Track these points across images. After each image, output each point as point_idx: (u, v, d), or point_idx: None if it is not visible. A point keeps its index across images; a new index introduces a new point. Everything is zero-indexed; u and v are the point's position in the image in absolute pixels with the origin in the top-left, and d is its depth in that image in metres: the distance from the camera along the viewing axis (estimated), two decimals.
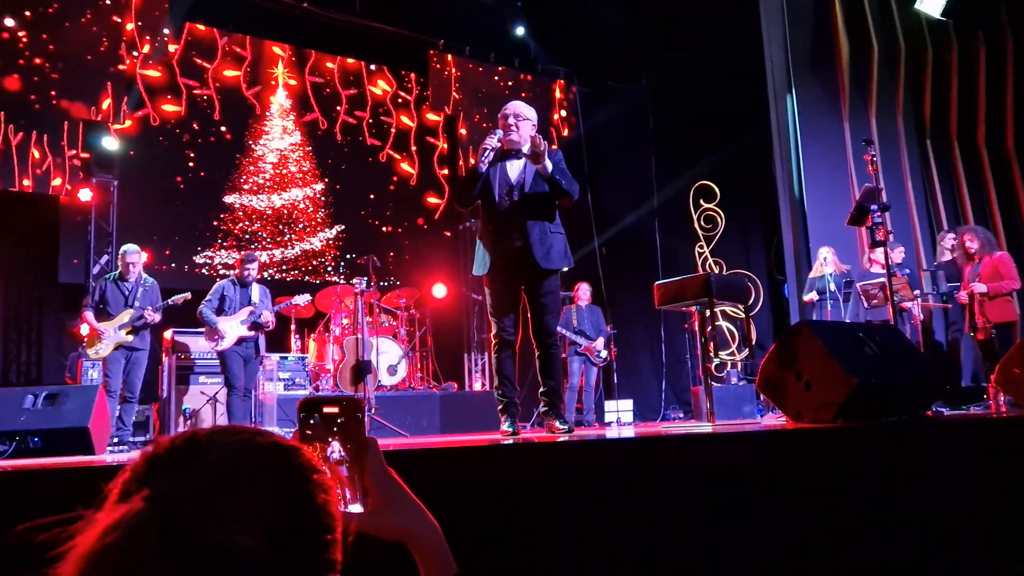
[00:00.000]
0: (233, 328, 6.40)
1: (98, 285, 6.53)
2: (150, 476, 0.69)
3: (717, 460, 2.51)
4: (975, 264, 6.87)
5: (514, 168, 4.10)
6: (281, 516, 0.70)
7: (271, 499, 0.71)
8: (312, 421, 0.94)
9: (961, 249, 7.04)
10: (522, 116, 4.11)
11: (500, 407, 4.12)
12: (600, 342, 8.60)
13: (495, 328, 4.09)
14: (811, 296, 7.63)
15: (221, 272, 8.67)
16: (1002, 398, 5.10)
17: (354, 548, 0.80)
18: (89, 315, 6.36)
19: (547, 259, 4.01)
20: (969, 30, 9.18)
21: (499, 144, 4.05)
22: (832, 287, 7.43)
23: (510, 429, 4.01)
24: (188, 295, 6.64)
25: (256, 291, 6.61)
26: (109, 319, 6.36)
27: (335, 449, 0.94)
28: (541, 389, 4.13)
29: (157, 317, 6.48)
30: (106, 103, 8.41)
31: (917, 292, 7.14)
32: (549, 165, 3.97)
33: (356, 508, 0.94)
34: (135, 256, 6.52)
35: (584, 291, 8.77)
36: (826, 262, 7.58)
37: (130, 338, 6.35)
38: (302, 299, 7.02)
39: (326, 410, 0.94)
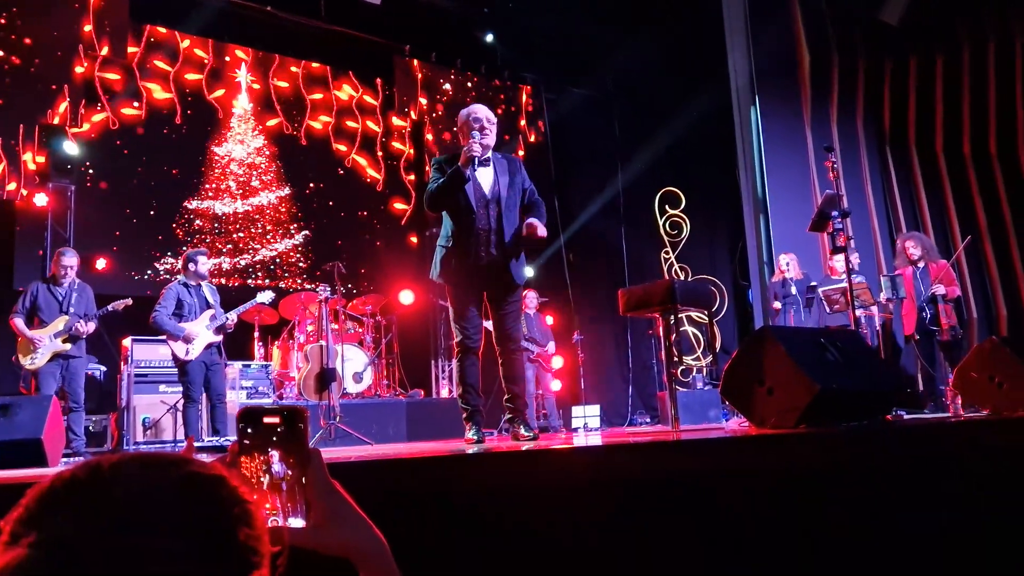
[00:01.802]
0: (202, 334, 6.12)
1: (29, 290, 6.23)
2: (42, 516, 0.61)
3: (682, 466, 2.51)
4: (918, 270, 7.04)
5: (485, 176, 4.05)
6: (197, 559, 0.63)
7: (185, 540, 0.63)
8: (251, 432, 0.91)
9: (903, 254, 7.20)
10: (492, 120, 4.10)
11: (465, 415, 4.10)
12: (551, 346, 8.65)
13: (459, 335, 4.07)
14: (777, 304, 7.71)
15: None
16: (959, 401, 5.19)
17: (295, 565, 0.77)
18: (19, 322, 6.07)
19: (518, 271, 4.10)
20: (927, 40, 9.37)
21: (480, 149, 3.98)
22: (794, 291, 7.54)
23: (475, 437, 4.00)
24: (129, 301, 6.39)
25: (207, 291, 6.36)
26: (43, 326, 6.10)
27: (275, 461, 0.90)
28: (506, 396, 4.12)
29: (91, 327, 6.23)
30: (63, 106, 8.24)
31: (881, 297, 7.26)
32: (545, 232, 4.05)
33: (297, 523, 0.90)
34: (73, 259, 6.25)
35: (531, 299, 8.81)
36: (788, 268, 7.69)
37: (68, 347, 6.10)
38: (266, 296, 6.78)
39: (266, 421, 0.91)
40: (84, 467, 0.66)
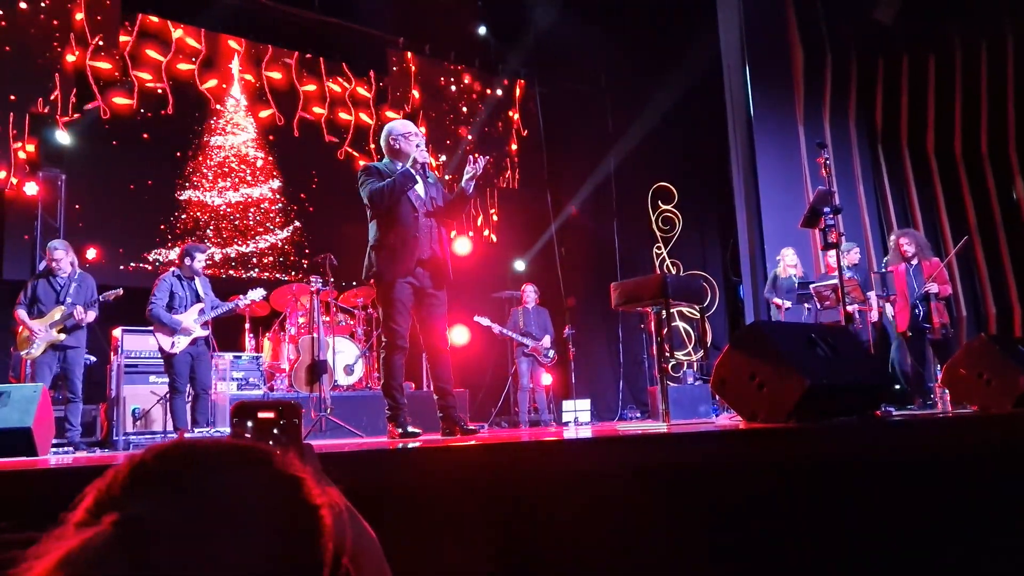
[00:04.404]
0: (190, 327, 6.15)
1: (29, 282, 6.26)
2: (130, 492, 0.60)
3: (672, 460, 2.52)
4: (912, 267, 7.06)
5: (420, 184, 4.33)
6: (270, 565, 0.61)
7: (263, 544, 0.61)
8: (246, 426, 0.91)
9: (897, 251, 7.22)
10: (423, 134, 4.51)
11: (391, 413, 4.19)
12: (547, 340, 8.66)
13: (392, 335, 4.18)
14: (780, 302, 7.61)
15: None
16: (948, 398, 5.23)
17: None
18: (22, 313, 6.08)
19: (449, 268, 4.36)
20: (920, 39, 9.40)
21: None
22: (797, 285, 7.54)
23: (402, 431, 4.10)
24: (120, 291, 6.38)
25: (199, 284, 6.36)
26: (41, 317, 6.10)
27: None
28: (441, 400, 4.27)
29: (91, 315, 6.20)
30: (54, 95, 8.17)
31: (869, 294, 7.29)
32: (472, 187, 4.33)
33: None
34: (60, 253, 6.21)
35: (530, 293, 8.82)
36: (789, 263, 7.68)
37: (62, 337, 6.07)
38: (257, 294, 6.77)
39: (261, 415, 0.91)
40: (178, 448, 0.65)
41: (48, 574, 0.54)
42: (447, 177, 9.94)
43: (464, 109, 11.20)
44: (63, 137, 7.93)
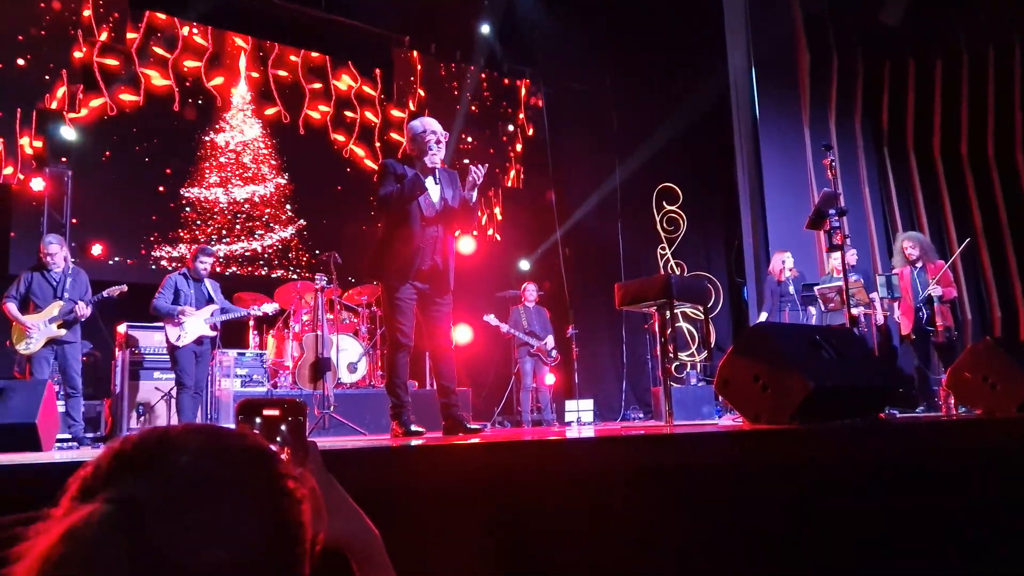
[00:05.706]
0: (197, 325, 6.20)
1: (23, 276, 6.21)
2: (115, 476, 0.65)
3: (675, 461, 2.52)
4: (916, 270, 7.05)
5: (433, 188, 4.29)
6: (254, 529, 0.67)
7: (245, 511, 0.67)
8: (253, 423, 0.91)
9: (901, 254, 7.21)
10: (446, 134, 4.37)
11: (394, 412, 4.20)
12: (550, 341, 8.65)
13: (395, 332, 4.20)
14: (764, 315, 7.65)
15: (179, 267, 8.51)
16: (952, 401, 5.22)
17: None
18: (11, 307, 6.01)
19: (451, 276, 4.34)
20: (926, 42, 9.38)
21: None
22: (791, 290, 7.53)
23: (405, 430, 4.11)
24: (124, 287, 6.41)
25: (209, 286, 6.42)
26: (37, 311, 6.07)
27: None
28: (444, 400, 4.26)
29: (88, 311, 6.21)
30: (61, 91, 8.20)
31: (873, 296, 7.28)
32: (475, 195, 4.29)
33: None
34: (54, 247, 6.21)
35: (531, 291, 8.79)
36: (786, 266, 7.67)
37: (62, 332, 6.06)
38: (270, 308, 6.87)
39: (266, 413, 0.91)
40: (152, 434, 0.69)
41: (51, 548, 0.57)
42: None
43: (469, 108, 11.21)
44: (69, 133, 7.95)
